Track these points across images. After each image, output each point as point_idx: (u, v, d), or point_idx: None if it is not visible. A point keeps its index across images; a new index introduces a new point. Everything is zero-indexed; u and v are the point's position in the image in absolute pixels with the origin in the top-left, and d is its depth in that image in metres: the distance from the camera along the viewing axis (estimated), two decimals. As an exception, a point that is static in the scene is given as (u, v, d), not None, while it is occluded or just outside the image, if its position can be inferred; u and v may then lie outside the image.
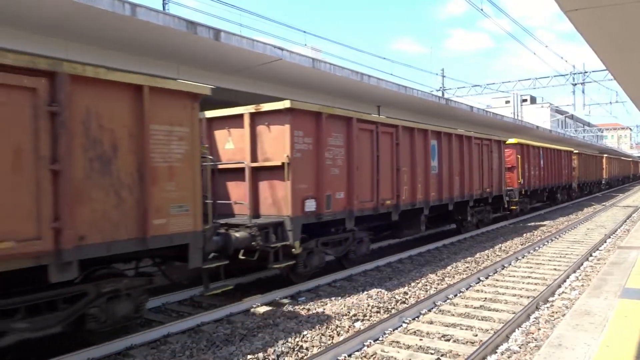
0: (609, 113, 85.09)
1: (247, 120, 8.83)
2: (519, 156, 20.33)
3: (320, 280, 9.22)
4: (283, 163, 8.36)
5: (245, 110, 8.87)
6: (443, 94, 36.63)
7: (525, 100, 63.99)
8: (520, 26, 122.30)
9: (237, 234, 7.84)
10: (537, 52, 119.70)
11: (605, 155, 45.50)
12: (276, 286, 8.65)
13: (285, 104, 8.37)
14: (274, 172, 8.53)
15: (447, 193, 13.53)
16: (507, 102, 55.52)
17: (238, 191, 8.92)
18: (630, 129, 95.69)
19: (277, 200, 8.57)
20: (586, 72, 32.80)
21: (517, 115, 42.91)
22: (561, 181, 27.00)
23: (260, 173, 8.77)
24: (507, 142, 19.14)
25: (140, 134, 5.89)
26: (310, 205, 8.74)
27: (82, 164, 5.38)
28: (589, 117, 64.07)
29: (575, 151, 31.48)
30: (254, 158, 8.80)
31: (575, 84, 33.16)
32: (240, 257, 7.99)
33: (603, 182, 41.50)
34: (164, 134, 6.15)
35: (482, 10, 19.26)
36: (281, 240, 8.33)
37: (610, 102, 44.06)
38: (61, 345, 6.08)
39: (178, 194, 6.28)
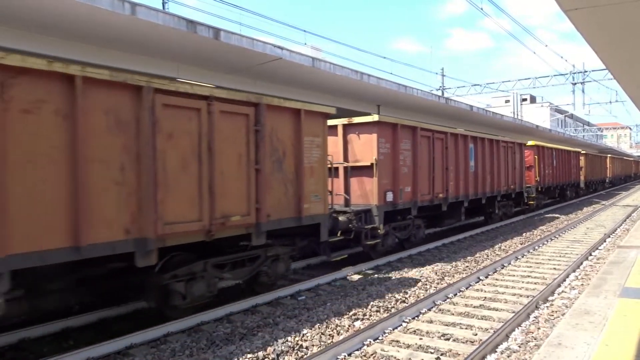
0: (609, 112, 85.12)
1: (340, 130, 11.08)
2: (536, 157, 22.35)
3: (320, 279, 9.22)
4: (372, 163, 10.70)
5: (339, 122, 11.03)
6: (443, 93, 36.63)
7: (525, 100, 64.02)
8: (520, 25, 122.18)
9: (340, 218, 9.95)
10: (537, 52, 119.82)
11: (609, 155, 47.37)
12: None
13: (374, 117, 10.85)
14: (363, 170, 10.86)
15: (481, 189, 15.84)
16: (507, 101, 55.54)
17: (332, 185, 10.81)
18: (630, 129, 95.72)
19: (365, 192, 10.92)
20: (586, 72, 32.81)
21: (517, 115, 42.89)
22: (570, 179, 29.24)
23: (352, 171, 10.88)
24: (526, 144, 21.46)
25: (297, 143, 8.33)
26: (389, 197, 11.12)
27: (269, 164, 7.69)
28: (589, 117, 64.05)
29: (582, 152, 33.24)
30: (345, 159, 10.99)
31: (575, 84, 33.18)
32: (339, 236, 9.93)
33: (607, 180, 43.53)
34: (309, 143, 8.56)
35: (482, 9, 19.30)
36: (369, 223, 10.56)
37: (610, 102, 44.06)
38: (60, 346, 6.09)
39: (315, 186, 8.71)
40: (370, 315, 7.23)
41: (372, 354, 5.74)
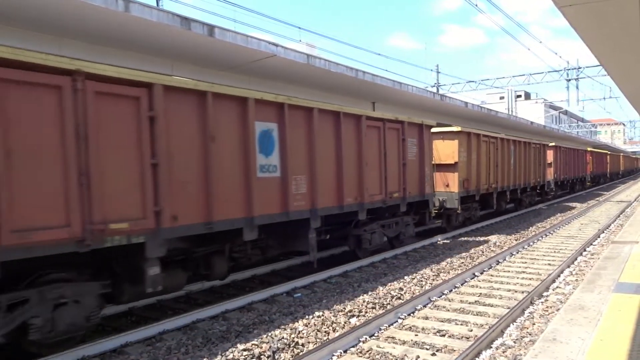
0: (603, 108, 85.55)
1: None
2: (590, 157, 37.67)
3: (316, 276, 9.23)
4: (550, 162, 26.41)
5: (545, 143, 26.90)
6: (438, 90, 36.63)
7: (519, 96, 64.17)
8: (515, 22, 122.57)
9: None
10: (531, 48, 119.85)
11: (621, 154, 64.59)
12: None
13: (552, 144, 27.41)
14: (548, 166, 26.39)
15: (566, 175, 30.65)
16: (502, 97, 55.62)
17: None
18: (624, 125, 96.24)
19: (547, 173, 25.77)
20: (580, 68, 32.81)
21: (512, 111, 43.01)
22: (602, 171, 45.13)
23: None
24: (587, 149, 37.17)
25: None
26: (556, 176, 27.65)
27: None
28: (583, 113, 64.48)
29: (608, 153, 49.00)
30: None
31: (569, 80, 33.23)
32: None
33: (620, 173, 59.90)
34: (537, 157, 22.40)
35: (476, 5, 19.22)
36: (549, 187, 27.09)
37: (604, 98, 44.30)
38: (58, 345, 6.05)
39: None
40: (366, 312, 7.25)
41: (367, 351, 5.75)
